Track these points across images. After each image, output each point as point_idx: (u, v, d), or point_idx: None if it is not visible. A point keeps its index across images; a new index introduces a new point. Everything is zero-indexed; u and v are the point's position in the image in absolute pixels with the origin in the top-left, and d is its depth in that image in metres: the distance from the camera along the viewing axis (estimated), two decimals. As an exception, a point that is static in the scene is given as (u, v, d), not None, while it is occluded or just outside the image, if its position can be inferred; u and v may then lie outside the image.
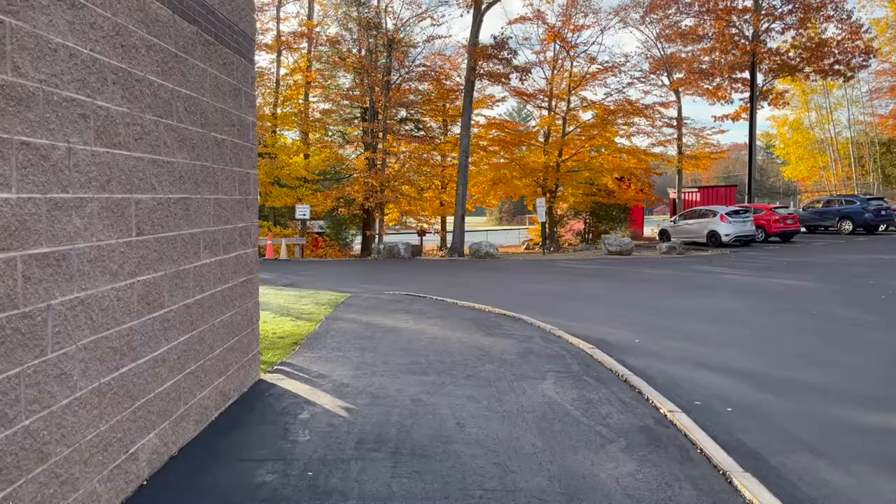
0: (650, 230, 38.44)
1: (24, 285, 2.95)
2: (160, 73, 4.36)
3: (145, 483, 4.12)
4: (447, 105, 32.31)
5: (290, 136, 32.44)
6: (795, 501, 3.94)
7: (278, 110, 30.31)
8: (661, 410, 5.54)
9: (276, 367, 7.07)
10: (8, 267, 2.84)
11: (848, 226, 29.83)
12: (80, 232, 3.41)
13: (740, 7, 32.75)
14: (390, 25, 30.79)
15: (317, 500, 3.89)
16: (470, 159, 28.44)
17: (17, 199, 2.91)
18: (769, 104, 36.00)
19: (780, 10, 32.03)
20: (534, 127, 35.38)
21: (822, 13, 31.88)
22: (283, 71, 31.08)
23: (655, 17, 34.19)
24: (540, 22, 30.38)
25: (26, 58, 2.97)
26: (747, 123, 34.32)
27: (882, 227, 30.71)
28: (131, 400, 3.95)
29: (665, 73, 36.14)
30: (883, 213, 29.64)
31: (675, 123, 34.18)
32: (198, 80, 5.02)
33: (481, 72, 27.65)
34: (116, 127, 3.77)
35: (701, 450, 4.67)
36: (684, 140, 36.31)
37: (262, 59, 31.85)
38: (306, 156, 29.82)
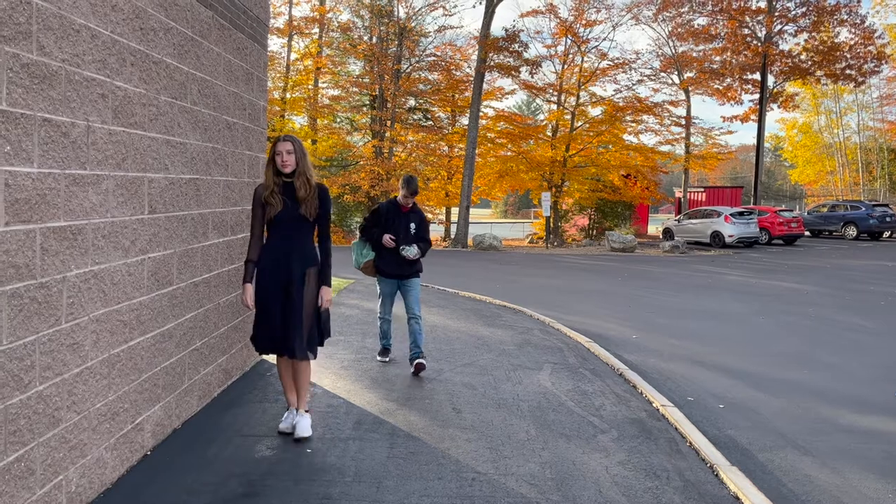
0: (654, 228, 38.48)
1: (42, 257, 3.07)
2: (176, 56, 4.47)
3: (149, 453, 4.25)
4: (456, 96, 32.35)
5: (299, 121, 32.51)
6: (779, 496, 4.05)
7: (287, 95, 30.36)
8: (654, 404, 5.65)
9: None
10: (28, 238, 2.96)
11: (852, 231, 29.86)
12: (96, 208, 3.52)
13: (754, 8, 32.69)
14: (402, 14, 30.83)
15: (314, 476, 4.01)
16: (477, 151, 28.51)
17: (38, 174, 3.02)
18: (779, 106, 35.92)
19: (793, 12, 31.94)
20: (542, 121, 35.44)
21: (835, 17, 31.79)
22: (293, 56, 31.12)
23: (668, 14, 34.12)
24: (552, 16, 30.39)
25: (51, 38, 3.07)
26: (756, 125, 34.29)
27: (886, 234, 30.70)
28: (138, 372, 4.07)
29: (675, 72, 36.12)
30: (888, 219, 29.63)
31: (683, 122, 34.17)
32: (212, 64, 5.12)
33: (491, 64, 27.67)
34: (133, 107, 3.88)
35: (690, 443, 4.78)
36: (692, 139, 36.35)
37: (273, 43, 31.95)
38: (314, 141, 29.90)
